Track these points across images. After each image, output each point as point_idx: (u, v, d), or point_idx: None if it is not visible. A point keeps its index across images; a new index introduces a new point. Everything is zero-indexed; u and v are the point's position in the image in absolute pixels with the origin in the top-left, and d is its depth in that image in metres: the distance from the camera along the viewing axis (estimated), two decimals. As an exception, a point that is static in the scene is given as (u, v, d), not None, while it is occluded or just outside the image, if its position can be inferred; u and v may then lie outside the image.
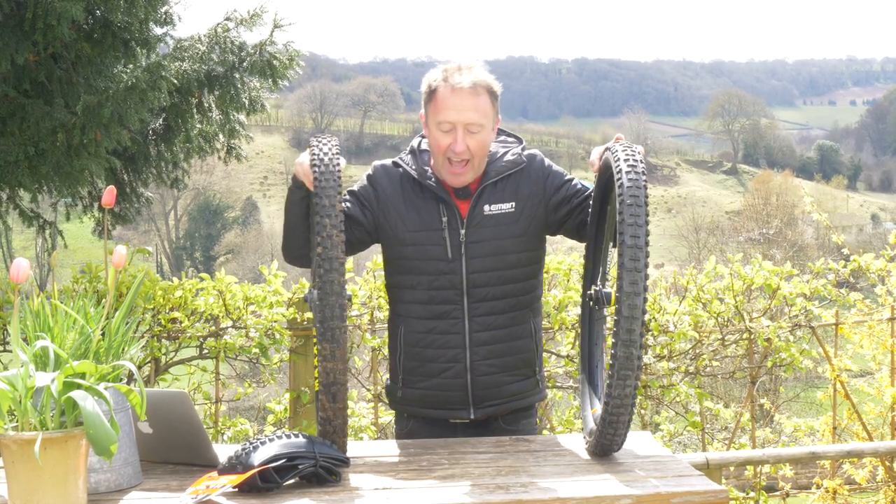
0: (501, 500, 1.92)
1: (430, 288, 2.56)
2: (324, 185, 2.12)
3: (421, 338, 2.58)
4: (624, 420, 2.09)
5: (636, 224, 2.03)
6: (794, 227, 34.74)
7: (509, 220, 2.56)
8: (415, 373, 2.61)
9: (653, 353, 4.31)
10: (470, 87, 2.49)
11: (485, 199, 2.57)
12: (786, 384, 11.11)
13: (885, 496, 4.60)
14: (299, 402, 4.09)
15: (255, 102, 5.62)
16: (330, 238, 2.07)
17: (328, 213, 2.09)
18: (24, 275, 1.75)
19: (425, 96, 2.56)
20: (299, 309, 4.07)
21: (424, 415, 2.64)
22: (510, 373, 2.60)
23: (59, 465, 1.70)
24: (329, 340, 2.05)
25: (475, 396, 2.58)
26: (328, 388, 2.08)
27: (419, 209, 2.57)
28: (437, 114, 2.51)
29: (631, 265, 2.01)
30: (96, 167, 4.91)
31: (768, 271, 4.36)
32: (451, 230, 2.55)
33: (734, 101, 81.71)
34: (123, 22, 4.75)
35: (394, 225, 2.58)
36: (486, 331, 2.56)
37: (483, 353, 2.56)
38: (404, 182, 2.61)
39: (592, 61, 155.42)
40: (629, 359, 2.02)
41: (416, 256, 2.56)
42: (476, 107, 2.49)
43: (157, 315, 4.02)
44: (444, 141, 2.51)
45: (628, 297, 2.01)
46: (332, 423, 2.12)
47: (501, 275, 2.56)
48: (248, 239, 43.64)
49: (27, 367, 1.69)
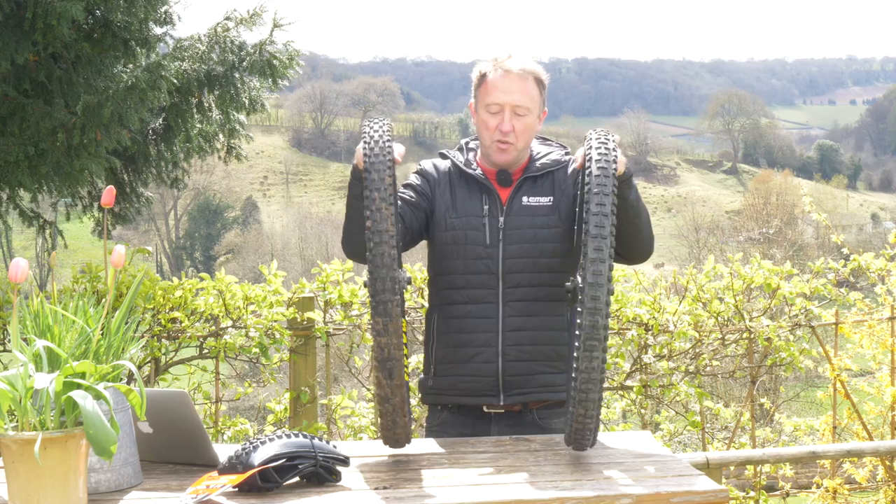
0: (501, 500, 1.92)
1: (467, 272, 2.62)
2: (373, 160, 2.08)
3: (454, 323, 2.63)
4: (594, 398, 2.02)
5: (602, 193, 2.03)
6: (794, 226, 34.72)
7: (546, 211, 2.64)
8: (447, 360, 2.65)
9: (653, 352, 4.31)
10: (519, 71, 2.60)
11: (524, 190, 2.65)
12: (786, 384, 11.12)
13: (886, 496, 4.60)
14: (299, 401, 4.09)
15: (255, 102, 5.63)
16: (379, 211, 2.03)
17: (377, 187, 2.04)
18: (23, 275, 1.75)
19: (476, 82, 2.67)
20: (299, 308, 4.08)
21: (456, 402, 2.66)
22: (542, 362, 2.62)
23: (59, 465, 1.70)
24: (382, 314, 2.00)
25: (505, 382, 2.61)
26: (384, 364, 2.02)
27: (463, 196, 2.66)
28: (487, 96, 2.62)
29: (596, 231, 2.00)
30: (96, 167, 4.92)
31: (768, 270, 4.37)
32: (491, 217, 2.63)
33: (734, 100, 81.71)
34: (123, 22, 4.75)
35: (439, 212, 2.66)
36: (519, 316, 2.60)
37: (515, 339, 2.60)
38: (451, 171, 2.71)
39: (592, 61, 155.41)
40: (595, 328, 1.97)
41: (456, 241, 2.63)
42: (523, 90, 2.59)
43: (157, 315, 4.02)
44: (493, 122, 2.61)
45: (593, 263, 1.99)
46: (390, 402, 2.06)
47: (537, 262, 2.61)
48: (248, 239, 43.66)
49: (27, 367, 1.69)
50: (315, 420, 4.15)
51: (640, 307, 4.30)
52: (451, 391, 2.65)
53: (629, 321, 4.29)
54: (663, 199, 61.49)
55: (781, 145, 78.65)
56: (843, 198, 60.04)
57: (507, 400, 2.62)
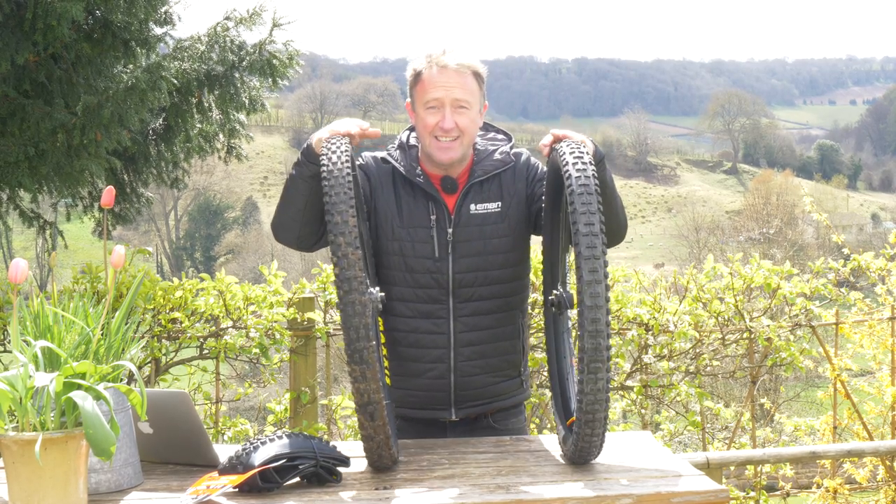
0: (501, 500, 1.92)
1: (416, 286, 2.52)
2: (334, 199, 1.97)
3: (404, 337, 2.54)
4: (600, 417, 2.00)
5: (589, 212, 1.98)
6: (795, 226, 34.74)
7: (495, 219, 2.53)
8: (396, 372, 2.56)
9: (653, 352, 4.31)
10: (456, 66, 2.48)
11: (471, 198, 2.54)
12: (786, 384, 11.11)
13: (886, 496, 4.60)
14: (299, 402, 4.09)
15: (255, 102, 5.63)
16: (346, 257, 1.94)
17: (342, 231, 1.95)
18: (23, 275, 1.75)
19: (411, 81, 2.55)
20: (299, 309, 4.07)
21: (405, 415, 2.59)
22: (494, 374, 2.57)
23: (60, 466, 1.70)
24: (358, 362, 1.96)
25: (458, 397, 2.55)
26: (364, 409, 2.01)
27: (409, 205, 2.54)
28: (424, 94, 2.49)
29: (588, 253, 1.94)
30: (96, 167, 4.92)
31: (768, 270, 4.37)
32: (438, 228, 2.52)
33: (734, 100, 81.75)
34: (123, 22, 4.75)
35: (383, 219, 2.54)
36: (471, 331, 2.53)
37: (468, 354, 2.53)
38: (395, 178, 2.57)
39: (592, 61, 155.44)
40: (597, 350, 1.94)
41: (403, 252, 2.52)
42: (463, 84, 2.48)
43: (157, 315, 4.02)
44: (432, 119, 2.48)
45: (589, 285, 1.93)
46: (374, 440, 2.06)
47: (488, 275, 2.53)
48: (248, 239, 43.66)
49: (27, 368, 1.69)
50: (315, 420, 4.15)
51: (640, 307, 4.29)
52: (401, 404, 2.57)
53: (629, 321, 4.28)
54: (663, 199, 61.48)
55: (781, 145, 78.68)
56: (843, 198, 60.06)
57: (458, 413, 2.57)
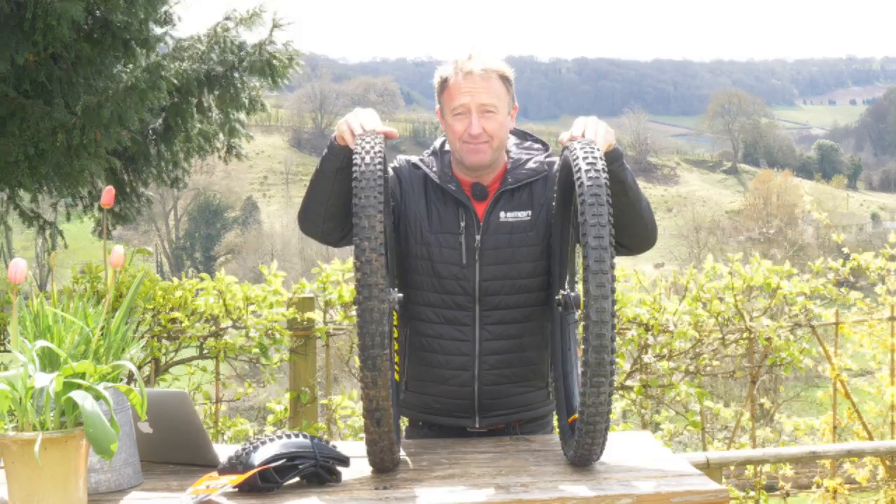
0: (501, 500, 1.92)
1: (442, 292, 2.52)
2: (363, 202, 1.95)
3: (428, 342, 2.54)
4: (601, 428, 2.02)
5: (599, 224, 1.96)
6: (794, 226, 34.75)
7: (525, 227, 2.52)
8: (419, 377, 2.56)
9: (653, 352, 4.31)
10: (480, 71, 2.47)
11: (501, 205, 2.53)
12: (786, 383, 11.10)
13: (886, 495, 4.60)
14: (299, 402, 4.09)
15: (255, 102, 5.64)
16: (370, 263, 1.92)
17: (367, 236, 1.93)
18: (23, 275, 1.75)
19: (438, 88, 2.55)
20: (299, 309, 4.07)
21: (430, 421, 2.59)
22: (519, 384, 2.55)
23: (60, 466, 1.70)
24: (370, 369, 1.97)
25: (481, 406, 2.54)
26: (372, 414, 2.02)
27: (439, 211, 2.54)
28: (451, 101, 2.49)
29: (597, 267, 1.94)
30: (96, 167, 4.92)
31: (768, 270, 4.37)
32: (467, 235, 2.51)
33: (734, 100, 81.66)
34: (123, 22, 4.76)
35: (413, 223, 2.54)
36: (496, 340, 2.51)
37: (492, 363, 2.51)
38: (426, 183, 2.58)
39: (592, 61, 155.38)
40: (601, 364, 1.95)
41: (430, 257, 2.52)
42: (488, 89, 2.47)
43: (157, 315, 4.02)
44: (460, 126, 2.48)
45: (596, 300, 1.94)
46: (377, 445, 2.07)
47: (515, 283, 2.51)
48: (248, 239, 43.64)
49: (27, 368, 1.69)
50: (315, 420, 4.15)
51: (640, 307, 4.29)
52: (425, 409, 2.57)
53: (629, 321, 4.29)
54: (663, 199, 61.43)
55: (781, 145, 78.60)
56: (843, 198, 60.01)
57: (482, 422, 2.55)
